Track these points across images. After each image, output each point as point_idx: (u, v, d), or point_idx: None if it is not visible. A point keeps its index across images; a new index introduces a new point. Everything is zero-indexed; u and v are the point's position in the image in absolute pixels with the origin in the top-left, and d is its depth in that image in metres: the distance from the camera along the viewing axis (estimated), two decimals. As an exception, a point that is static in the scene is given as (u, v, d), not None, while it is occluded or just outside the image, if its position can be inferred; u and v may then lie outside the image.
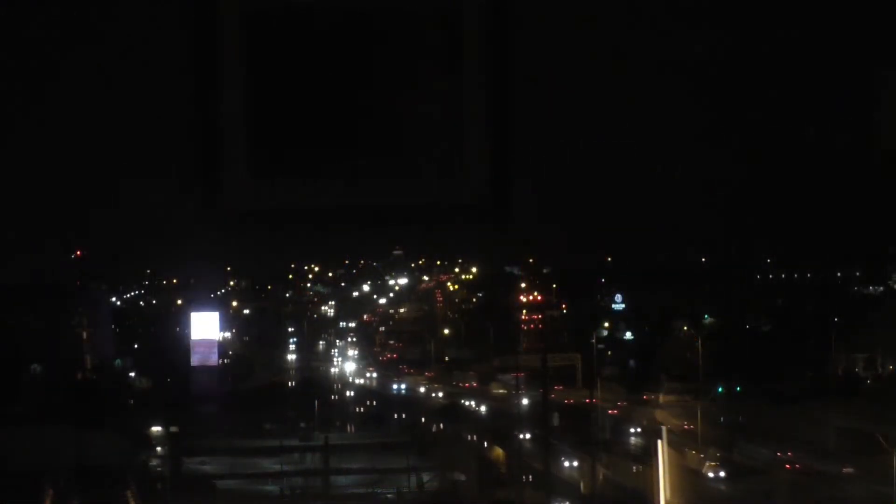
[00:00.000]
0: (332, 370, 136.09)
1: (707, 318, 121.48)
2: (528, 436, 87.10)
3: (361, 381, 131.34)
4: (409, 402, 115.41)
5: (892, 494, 59.11)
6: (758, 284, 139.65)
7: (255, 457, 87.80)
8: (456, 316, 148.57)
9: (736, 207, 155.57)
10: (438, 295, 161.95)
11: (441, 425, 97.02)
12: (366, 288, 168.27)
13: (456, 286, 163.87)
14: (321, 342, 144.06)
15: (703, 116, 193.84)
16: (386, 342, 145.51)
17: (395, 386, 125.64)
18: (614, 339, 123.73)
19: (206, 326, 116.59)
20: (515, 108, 5.66)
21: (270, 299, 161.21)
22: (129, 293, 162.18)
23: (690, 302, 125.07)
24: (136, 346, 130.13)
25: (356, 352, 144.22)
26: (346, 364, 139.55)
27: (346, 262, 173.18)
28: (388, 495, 78.45)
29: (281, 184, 5.63)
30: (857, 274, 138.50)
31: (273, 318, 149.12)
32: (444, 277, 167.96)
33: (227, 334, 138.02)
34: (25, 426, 72.01)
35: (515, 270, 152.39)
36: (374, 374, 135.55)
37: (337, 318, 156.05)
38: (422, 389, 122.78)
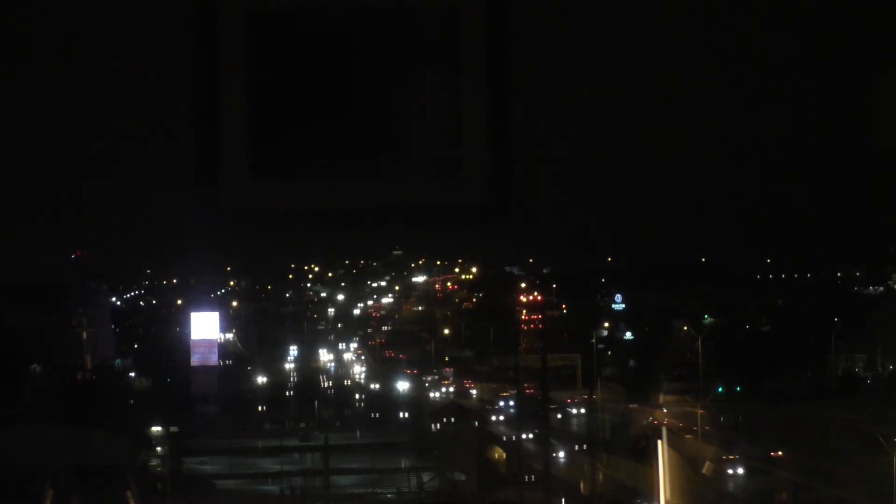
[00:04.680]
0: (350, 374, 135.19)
1: (707, 318, 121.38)
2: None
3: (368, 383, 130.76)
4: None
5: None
6: (758, 284, 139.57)
7: (255, 457, 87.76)
8: (456, 316, 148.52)
9: (736, 208, 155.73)
10: (438, 295, 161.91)
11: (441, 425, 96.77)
12: (365, 288, 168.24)
13: (456, 286, 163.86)
14: (321, 342, 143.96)
15: (704, 116, 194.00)
16: (386, 342, 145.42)
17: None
18: (614, 339, 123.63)
19: (205, 326, 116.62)
20: (516, 108, 5.66)
21: (270, 299, 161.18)
22: (129, 293, 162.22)
23: (690, 302, 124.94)
24: (136, 346, 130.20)
25: (355, 351, 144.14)
26: (348, 364, 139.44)
27: (347, 262, 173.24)
28: (388, 495, 78.39)
29: (281, 184, 5.64)
30: (857, 274, 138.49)
31: (273, 319, 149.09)
32: (444, 277, 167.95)
33: (228, 335, 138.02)
34: (25, 426, 71.94)
35: (515, 270, 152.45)
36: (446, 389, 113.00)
37: (337, 318, 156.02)
38: None
